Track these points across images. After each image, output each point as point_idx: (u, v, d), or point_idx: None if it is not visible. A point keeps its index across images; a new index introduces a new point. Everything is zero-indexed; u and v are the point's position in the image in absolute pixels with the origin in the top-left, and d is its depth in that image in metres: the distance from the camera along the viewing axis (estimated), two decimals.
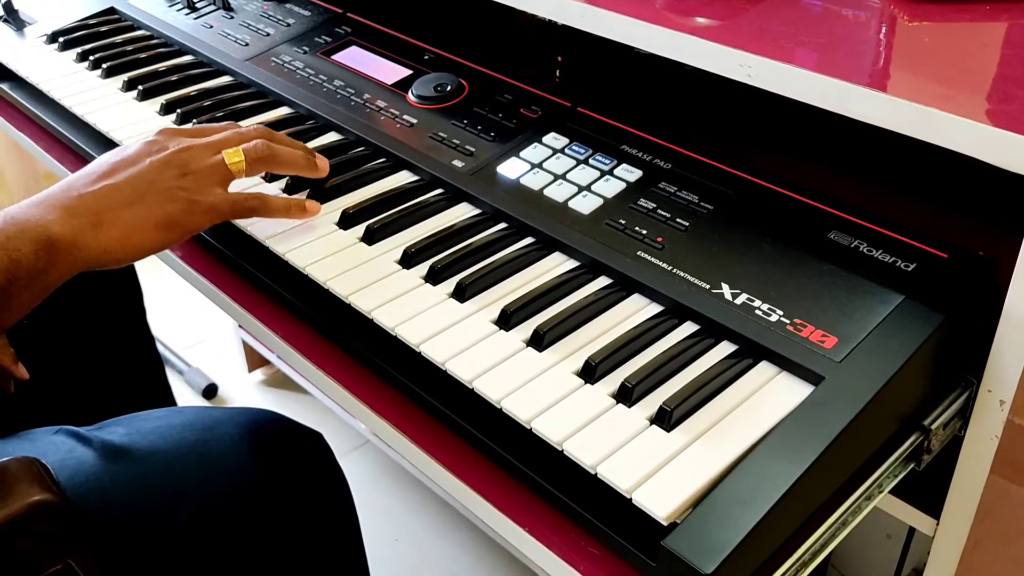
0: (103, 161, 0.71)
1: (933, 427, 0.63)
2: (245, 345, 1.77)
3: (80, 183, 0.69)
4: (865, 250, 0.66)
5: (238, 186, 0.78)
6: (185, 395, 1.77)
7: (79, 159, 0.96)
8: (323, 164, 0.80)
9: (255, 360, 1.80)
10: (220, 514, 0.77)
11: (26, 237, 0.63)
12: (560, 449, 0.56)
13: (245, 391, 1.80)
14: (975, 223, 0.67)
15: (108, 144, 0.93)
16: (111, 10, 1.18)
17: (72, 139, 0.96)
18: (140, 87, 0.98)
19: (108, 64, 1.03)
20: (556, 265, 0.72)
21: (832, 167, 0.74)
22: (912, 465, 0.65)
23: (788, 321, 0.62)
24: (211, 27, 1.09)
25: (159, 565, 0.74)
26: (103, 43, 1.09)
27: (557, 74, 0.90)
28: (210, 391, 1.77)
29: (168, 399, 1.18)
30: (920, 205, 0.69)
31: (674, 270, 0.67)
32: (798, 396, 0.58)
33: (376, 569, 0.93)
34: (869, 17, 0.73)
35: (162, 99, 0.96)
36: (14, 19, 1.16)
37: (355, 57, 0.99)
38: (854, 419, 0.55)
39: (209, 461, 0.79)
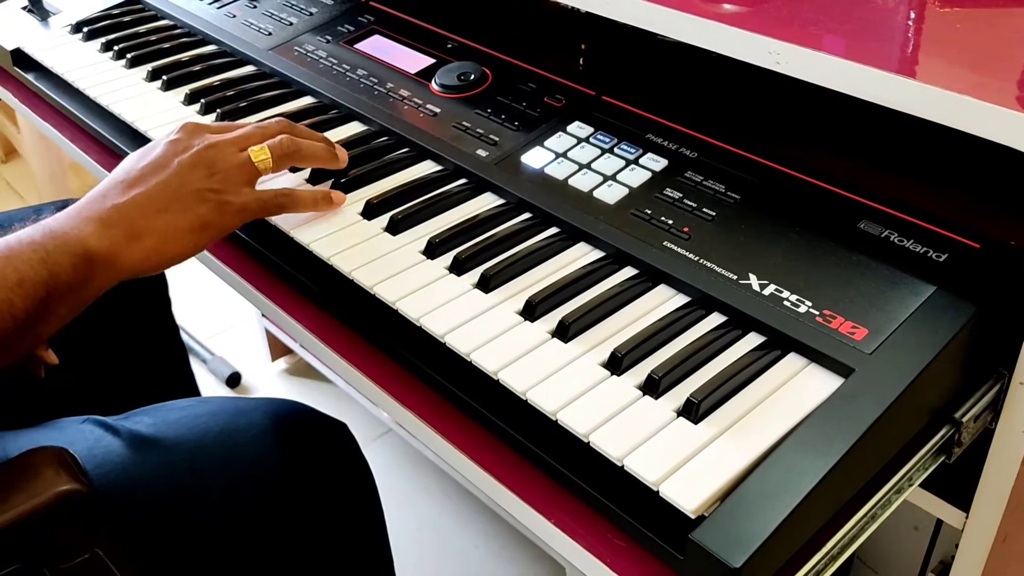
0: (131, 166, 0.71)
1: (964, 420, 0.62)
2: (268, 334, 1.77)
3: (113, 192, 0.69)
4: (896, 240, 0.65)
5: (263, 181, 0.78)
6: (209, 384, 1.78)
7: (104, 149, 0.97)
8: (343, 155, 0.81)
9: (278, 349, 1.81)
10: (245, 503, 0.77)
11: (66, 251, 0.64)
12: (586, 441, 0.56)
13: (268, 380, 1.80)
14: (1008, 213, 0.66)
15: (132, 134, 0.93)
16: None
17: (97, 129, 0.96)
18: (164, 77, 0.99)
19: (132, 54, 1.04)
20: (581, 255, 0.71)
21: (862, 156, 0.73)
22: (942, 458, 0.64)
23: (817, 312, 0.61)
24: (234, 16, 1.09)
25: (185, 553, 0.74)
26: (127, 33, 1.10)
27: (581, 62, 0.89)
28: (233, 380, 1.78)
29: (192, 389, 1.19)
30: (952, 194, 0.68)
31: (701, 260, 0.67)
32: (828, 388, 0.57)
33: (399, 557, 0.93)
34: (899, 3, 0.72)
35: (186, 89, 0.97)
36: (39, 9, 1.16)
37: (378, 46, 0.99)
38: (885, 412, 0.54)
39: (234, 451, 0.79)
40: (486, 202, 0.78)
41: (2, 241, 0.64)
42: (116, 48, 1.06)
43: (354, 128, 0.90)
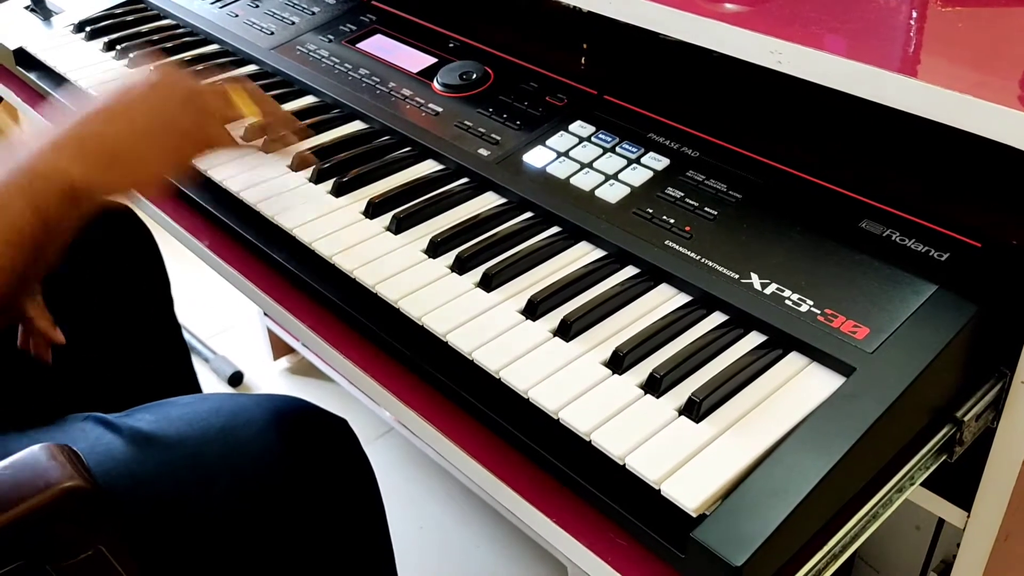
0: (110, 99, 0.70)
1: (966, 419, 0.62)
2: (270, 333, 1.77)
3: (90, 119, 0.68)
4: (897, 239, 0.65)
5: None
6: (211, 383, 1.79)
7: None
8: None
9: (280, 348, 1.81)
10: (247, 499, 0.77)
11: (51, 190, 0.62)
12: (588, 440, 0.56)
13: (270, 379, 1.80)
14: (1009, 212, 0.66)
15: None
16: None
17: None
18: None
19: (135, 53, 1.04)
20: (583, 255, 0.71)
21: (863, 155, 0.73)
22: (944, 457, 0.64)
23: (819, 311, 0.61)
24: (236, 16, 1.09)
25: (187, 550, 0.74)
26: (130, 32, 1.10)
27: (583, 61, 0.89)
28: (236, 379, 1.78)
29: (193, 387, 1.19)
30: (954, 193, 0.68)
31: (702, 260, 0.67)
32: (829, 387, 0.57)
33: (401, 556, 0.93)
34: (901, 2, 0.72)
35: None
36: (41, 9, 1.16)
37: (380, 45, 0.99)
38: (886, 411, 0.54)
39: (235, 447, 0.79)
40: (488, 201, 0.78)
41: None
42: (119, 47, 1.06)
43: (356, 127, 0.90)
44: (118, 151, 0.67)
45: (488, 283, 0.68)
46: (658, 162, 0.76)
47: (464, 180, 0.80)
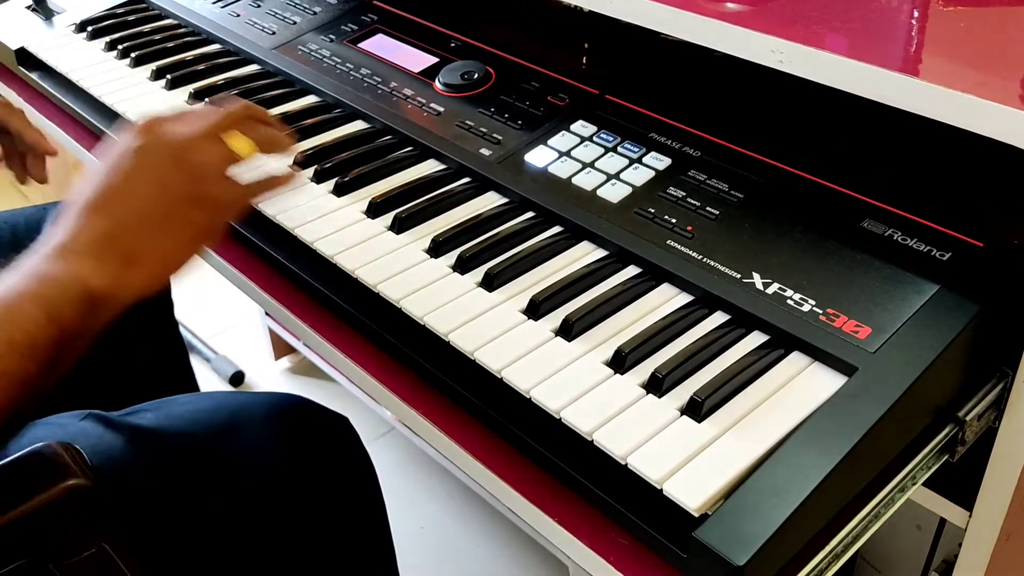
0: (104, 186, 0.64)
1: (968, 418, 0.62)
2: (271, 333, 1.78)
3: (93, 217, 0.62)
4: (899, 239, 0.65)
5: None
6: (212, 382, 1.79)
7: None
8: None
9: (281, 348, 1.81)
10: (248, 498, 0.77)
11: (68, 299, 0.58)
12: (590, 439, 0.56)
13: (271, 379, 1.81)
14: (1011, 211, 0.66)
15: None
16: None
17: (101, 128, 0.97)
18: (168, 76, 0.99)
19: (136, 53, 1.04)
20: (585, 254, 0.71)
21: (865, 154, 0.73)
22: (946, 457, 0.64)
23: (821, 311, 0.61)
24: (238, 16, 1.09)
25: (189, 548, 0.74)
26: (131, 32, 1.10)
27: (584, 61, 0.89)
28: (237, 378, 1.79)
29: (191, 386, 1.19)
30: (956, 193, 0.68)
31: (704, 259, 0.67)
32: (831, 387, 0.57)
33: (401, 556, 0.93)
34: (903, 1, 0.72)
35: (190, 88, 0.97)
36: (43, 8, 1.16)
37: (381, 45, 0.99)
38: (888, 410, 0.54)
39: (237, 444, 0.79)
40: (489, 201, 0.78)
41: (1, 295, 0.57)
42: (120, 47, 1.06)
43: (357, 127, 0.90)
44: (134, 249, 0.61)
45: (490, 283, 0.68)
46: (660, 162, 0.76)
47: (466, 180, 0.80)
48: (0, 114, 0.91)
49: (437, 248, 0.72)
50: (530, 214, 0.76)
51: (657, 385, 0.58)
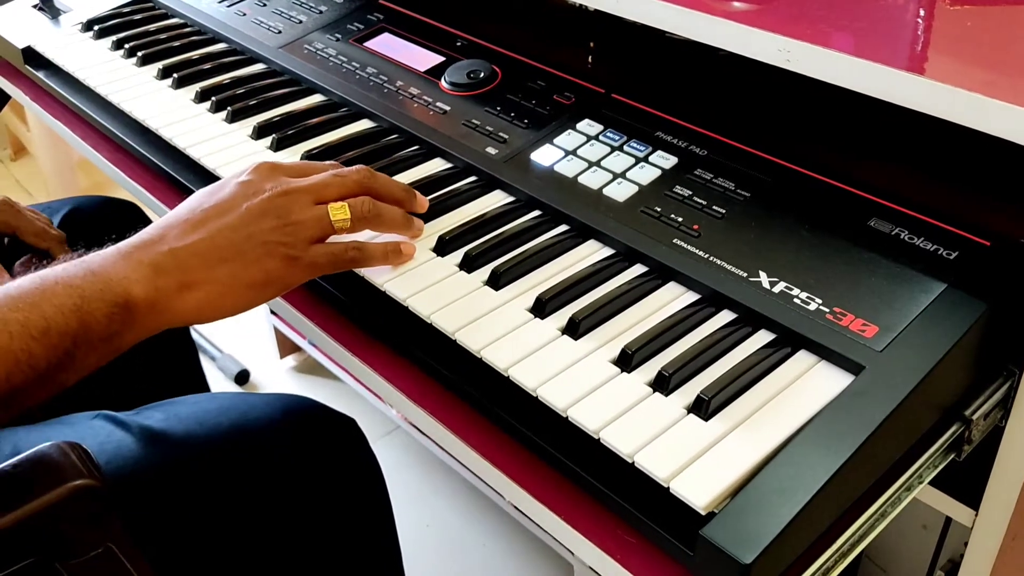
0: (196, 206, 0.65)
1: (974, 417, 0.62)
2: (277, 332, 1.78)
3: (172, 233, 0.62)
4: (906, 238, 0.65)
5: None
6: (218, 381, 1.79)
7: (114, 147, 0.97)
8: (423, 204, 0.74)
9: (287, 347, 1.81)
10: (256, 497, 0.78)
11: (104, 299, 0.57)
12: (597, 438, 0.56)
13: (276, 377, 1.81)
14: (1018, 210, 0.65)
15: (143, 131, 0.94)
16: None
17: (107, 127, 0.97)
18: (174, 75, 0.99)
19: (143, 52, 1.04)
20: (591, 253, 0.71)
21: (872, 153, 0.73)
22: (952, 456, 0.64)
23: (827, 310, 0.61)
24: (244, 15, 1.09)
25: (196, 547, 0.75)
26: (137, 31, 1.10)
27: (590, 60, 0.89)
28: (242, 377, 1.79)
29: (202, 385, 1.19)
30: (963, 192, 0.68)
31: (711, 258, 0.67)
32: (838, 386, 0.57)
33: (407, 554, 0.93)
34: (909, 0, 0.72)
35: (196, 87, 0.97)
36: (49, 8, 1.17)
37: (387, 44, 0.99)
38: (895, 409, 0.54)
39: (245, 445, 0.79)
40: (496, 200, 0.78)
41: (40, 275, 0.57)
42: (127, 46, 1.06)
43: (363, 126, 0.90)
44: (194, 273, 0.61)
45: (496, 281, 0.68)
46: (666, 160, 0.76)
47: (472, 178, 0.81)
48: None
49: (444, 247, 0.72)
50: (536, 213, 0.76)
51: (664, 383, 0.59)
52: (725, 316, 0.64)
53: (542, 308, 0.66)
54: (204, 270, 0.61)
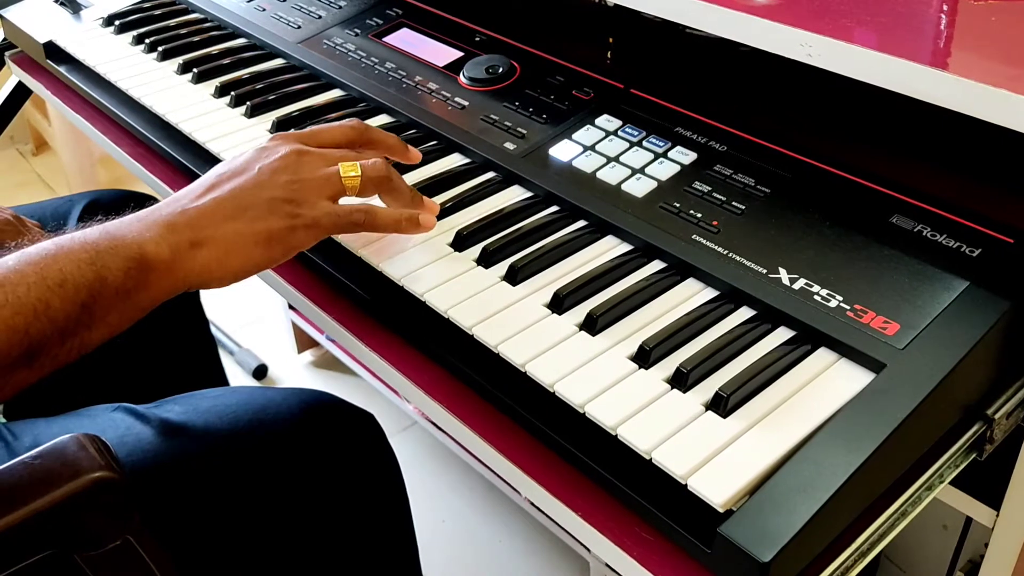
0: (214, 171, 0.67)
1: (996, 416, 0.61)
2: (295, 326, 1.78)
3: (187, 196, 0.64)
4: (928, 235, 0.64)
5: None
6: (236, 375, 1.80)
7: (135, 141, 0.98)
8: (430, 214, 0.74)
9: (304, 341, 1.82)
10: (273, 492, 0.78)
11: (118, 254, 0.59)
12: (614, 434, 0.56)
13: (294, 372, 1.81)
14: None
15: (163, 126, 0.94)
16: None
17: (128, 121, 0.97)
18: (195, 70, 0.99)
19: (163, 47, 1.04)
20: (609, 248, 0.71)
21: (894, 149, 0.72)
22: (974, 455, 0.63)
23: (848, 307, 0.61)
24: (263, 10, 1.10)
25: (215, 540, 0.75)
26: (158, 26, 1.10)
27: (609, 55, 0.89)
28: (260, 372, 1.80)
29: (221, 379, 1.20)
30: (986, 188, 0.67)
31: (730, 254, 0.66)
32: (859, 383, 0.57)
33: (423, 549, 0.93)
34: None
35: (216, 82, 0.97)
36: (71, 3, 1.17)
37: (406, 39, 0.99)
38: (916, 408, 0.54)
39: (263, 439, 0.79)
40: (514, 195, 0.78)
41: (60, 238, 0.59)
42: (148, 41, 1.06)
43: (382, 121, 0.90)
44: (204, 230, 0.62)
45: (514, 277, 0.68)
46: (685, 156, 0.76)
47: (490, 174, 0.80)
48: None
49: (462, 242, 0.72)
50: (554, 208, 0.76)
51: (682, 380, 0.58)
52: (744, 313, 0.64)
53: (560, 304, 0.65)
54: (212, 228, 0.63)
